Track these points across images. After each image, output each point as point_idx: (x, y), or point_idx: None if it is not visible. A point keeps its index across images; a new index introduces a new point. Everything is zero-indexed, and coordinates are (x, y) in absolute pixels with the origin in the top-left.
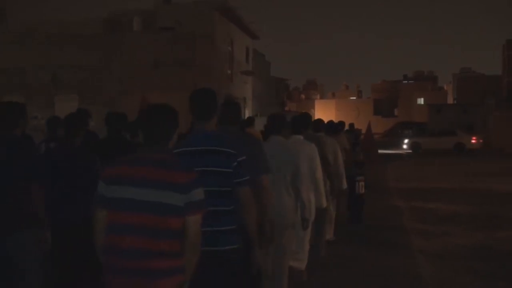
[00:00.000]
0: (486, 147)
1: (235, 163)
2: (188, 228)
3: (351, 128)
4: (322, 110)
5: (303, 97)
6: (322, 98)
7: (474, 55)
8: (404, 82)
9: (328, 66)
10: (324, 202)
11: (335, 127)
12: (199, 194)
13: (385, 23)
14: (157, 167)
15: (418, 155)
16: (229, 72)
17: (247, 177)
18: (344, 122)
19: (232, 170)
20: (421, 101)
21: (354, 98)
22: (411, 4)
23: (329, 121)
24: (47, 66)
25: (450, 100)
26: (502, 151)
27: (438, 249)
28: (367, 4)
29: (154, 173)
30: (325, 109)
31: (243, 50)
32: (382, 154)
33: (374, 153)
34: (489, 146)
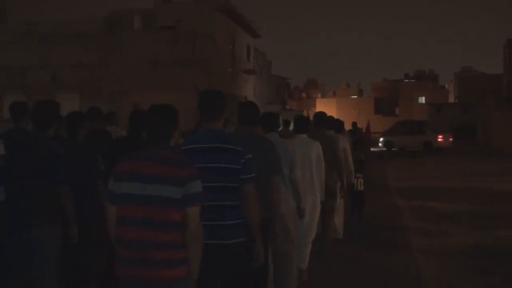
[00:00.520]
0: (486, 147)
1: (243, 160)
2: (188, 220)
3: (354, 127)
4: (323, 109)
5: (304, 96)
6: (323, 97)
7: (475, 54)
8: (405, 81)
9: (328, 65)
10: (322, 197)
11: (340, 125)
12: (196, 187)
13: (385, 23)
14: (158, 163)
15: (392, 154)
16: (230, 70)
17: (253, 174)
18: (342, 121)
19: (240, 167)
20: (422, 100)
21: (355, 97)
22: (411, 4)
23: (329, 116)
24: (47, 65)
25: (452, 99)
26: (502, 151)
27: (438, 248)
28: (367, 4)
29: (155, 168)
30: (326, 107)
31: (244, 49)
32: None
33: (368, 152)
34: (489, 146)
